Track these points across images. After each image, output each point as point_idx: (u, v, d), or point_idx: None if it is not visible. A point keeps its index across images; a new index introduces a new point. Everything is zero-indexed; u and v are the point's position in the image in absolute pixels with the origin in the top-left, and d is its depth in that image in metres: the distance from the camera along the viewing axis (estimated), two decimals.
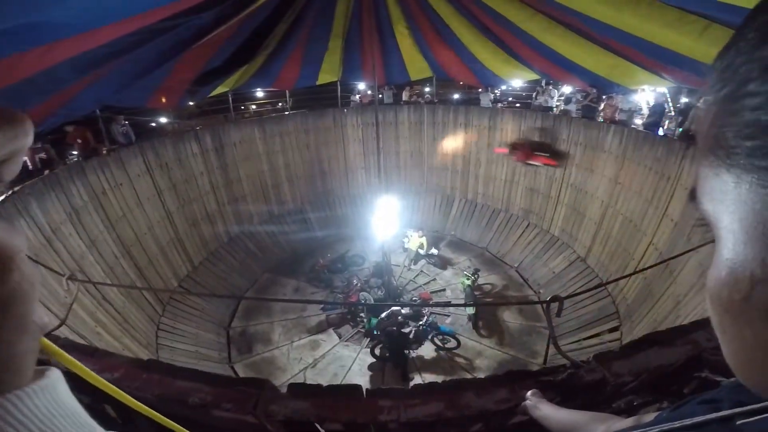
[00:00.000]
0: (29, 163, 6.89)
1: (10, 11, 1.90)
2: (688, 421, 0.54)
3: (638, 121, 8.87)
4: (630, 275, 7.26)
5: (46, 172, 6.82)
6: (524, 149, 10.31)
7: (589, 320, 8.11)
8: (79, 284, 3.09)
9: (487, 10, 6.12)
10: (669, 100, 8.50)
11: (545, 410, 1.26)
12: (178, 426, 0.66)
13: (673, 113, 8.36)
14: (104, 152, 7.99)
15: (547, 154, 10.05)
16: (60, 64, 3.17)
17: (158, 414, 0.63)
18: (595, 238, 9.28)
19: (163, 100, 6.71)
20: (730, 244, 0.30)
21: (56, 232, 6.47)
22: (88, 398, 2.27)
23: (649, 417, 0.80)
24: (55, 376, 0.27)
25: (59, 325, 3.04)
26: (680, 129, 7.75)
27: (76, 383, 0.42)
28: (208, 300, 9.08)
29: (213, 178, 10.30)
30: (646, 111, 8.89)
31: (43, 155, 7.13)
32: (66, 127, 7.71)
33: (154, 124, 10.43)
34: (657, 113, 8.45)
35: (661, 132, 8.31)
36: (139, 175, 8.54)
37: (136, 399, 0.63)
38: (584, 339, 7.76)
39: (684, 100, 8.23)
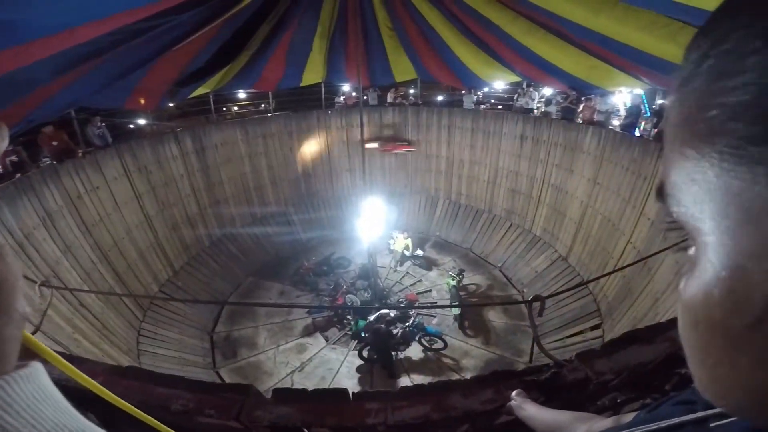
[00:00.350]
0: (0, 167, 6.62)
1: None
2: (664, 423, 0.56)
3: (615, 123, 9.11)
4: (609, 273, 7.45)
5: (18, 175, 6.56)
6: (389, 142, 12.13)
7: (572, 318, 8.27)
8: (53, 291, 2.99)
9: (471, 12, 6.20)
10: (645, 101, 8.76)
11: (530, 410, 1.28)
12: (165, 427, 0.65)
13: (648, 114, 8.62)
14: (80, 155, 7.74)
15: (404, 142, 12.02)
16: (37, 64, 3.06)
17: (142, 413, 0.62)
18: (576, 237, 9.48)
19: (142, 101, 6.54)
20: (724, 256, 0.25)
21: (29, 238, 6.24)
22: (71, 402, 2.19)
23: (628, 417, 0.82)
24: (37, 366, 0.27)
25: (34, 332, 2.94)
26: (656, 130, 7.99)
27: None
28: (191, 305, 8.89)
29: (194, 181, 10.10)
30: (623, 112, 9.13)
31: (14, 158, 6.86)
32: (44, 129, 7.42)
33: (132, 126, 10.17)
34: (633, 114, 8.70)
35: (637, 133, 8.56)
36: (116, 178, 8.31)
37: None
38: (567, 337, 7.91)
39: (659, 101, 8.50)
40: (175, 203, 9.68)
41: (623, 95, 9.30)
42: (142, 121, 10.33)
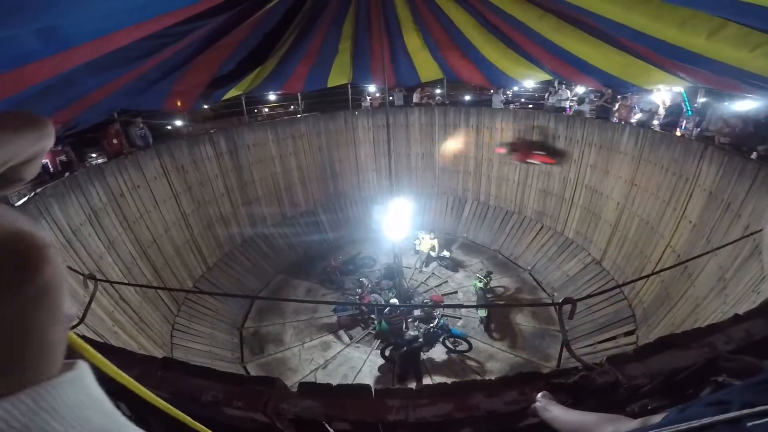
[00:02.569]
0: (50, 166, 7.09)
1: (26, 16, 1.97)
2: (695, 423, 0.53)
3: (654, 122, 8.71)
4: (646, 277, 7.12)
5: (67, 174, 7.01)
6: (522, 148, 10.42)
7: (604, 323, 7.95)
8: (97, 284, 3.17)
9: (496, 11, 6.10)
10: (686, 99, 8.32)
11: (555, 412, 1.25)
12: (197, 423, 0.67)
13: (690, 113, 8.18)
14: (123, 154, 8.20)
15: (545, 153, 10.10)
16: (81, 70, 3.27)
17: (176, 410, 0.64)
18: (611, 240, 9.11)
19: (179, 103, 6.85)
20: None
21: (76, 233, 6.65)
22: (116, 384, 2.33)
23: (657, 418, 0.78)
24: (83, 367, 0.27)
25: (77, 324, 3.12)
26: (698, 129, 7.57)
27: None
28: (222, 300, 9.20)
29: (227, 181, 10.46)
30: (662, 111, 8.71)
31: (63, 157, 7.33)
32: (110, 126, 7.96)
33: (169, 127, 10.64)
34: (674, 113, 8.29)
35: (678, 132, 8.13)
36: (156, 177, 8.72)
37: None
38: (599, 342, 7.62)
39: (701, 99, 8.04)
40: (210, 202, 10.05)
41: (662, 93, 8.85)
42: (179, 123, 10.80)
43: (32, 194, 6.09)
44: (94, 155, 8.27)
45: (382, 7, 6.50)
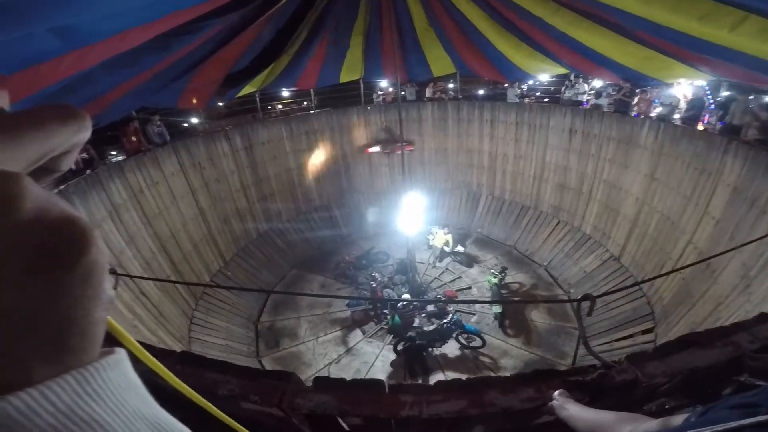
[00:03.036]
0: (72, 164, 7.29)
1: (40, 15, 2.01)
2: (720, 427, 0.52)
3: (675, 116, 8.46)
4: (666, 274, 6.91)
5: (88, 171, 7.20)
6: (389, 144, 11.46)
7: (622, 321, 7.81)
8: (118, 278, 3.26)
9: (509, 5, 5.98)
10: (708, 93, 8.06)
11: (572, 410, 1.23)
12: (224, 415, 0.68)
13: (713, 107, 7.92)
14: (141, 151, 8.38)
15: (406, 142, 10.79)
16: (98, 69, 3.33)
17: (205, 401, 0.65)
18: (630, 236, 8.91)
19: (194, 101, 6.94)
20: None
21: (98, 229, 6.83)
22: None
23: (677, 420, 0.76)
24: (122, 353, 0.28)
25: None
26: (721, 123, 7.33)
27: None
28: (238, 295, 9.36)
29: (243, 177, 10.60)
30: (683, 105, 8.45)
31: (84, 155, 7.52)
32: (130, 124, 8.17)
33: (186, 125, 10.82)
34: (696, 107, 8.04)
35: (700, 126, 7.89)
36: (174, 173, 8.89)
37: (165, 392, 0.65)
38: (616, 340, 7.49)
39: (725, 93, 7.77)
40: (226, 198, 10.21)
41: (683, 87, 8.59)
42: (195, 120, 10.96)
43: (56, 191, 6.27)
44: (113, 153, 8.47)
45: (393, 2, 6.45)
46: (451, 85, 12.79)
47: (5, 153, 0.26)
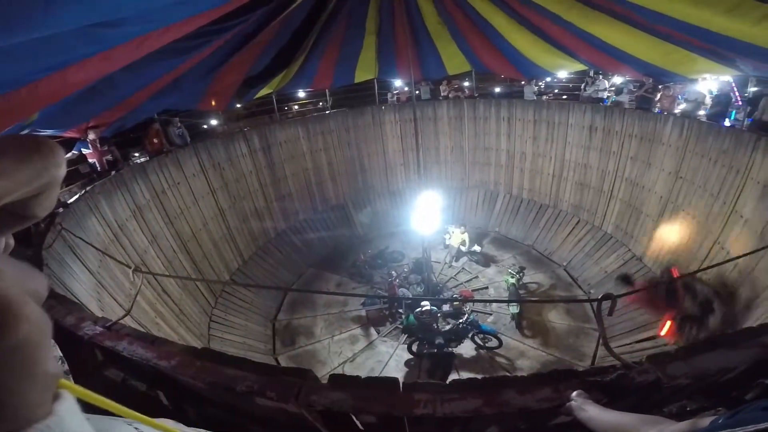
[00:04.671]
0: (98, 165, 7.53)
1: (62, 18, 2.08)
2: (751, 428, 0.50)
3: (700, 112, 8.18)
4: (692, 274, 6.70)
5: (113, 172, 7.44)
6: (654, 296, 6.84)
7: (644, 322, 7.58)
8: (142, 276, 3.35)
9: (524, 1, 5.90)
10: (735, 89, 7.77)
11: (591, 411, 1.21)
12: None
13: (740, 103, 7.62)
14: (163, 153, 8.60)
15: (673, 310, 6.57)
16: (121, 74, 3.44)
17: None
18: (654, 235, 8.65)
19: (213, 103, 7.09)
20: None
21: (123, 228, 7.06)
22: (144, 385, 2.45)
23: (704, 422, 0.74)
24: (62, 411, 0.25)
25: (124, 316, 3.30)
26: (749, 119, 7.05)
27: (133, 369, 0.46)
28: (257, 293, 9.51)
29: (261, 177, 10.76)
30: (708, 101, 8.16)
31: (109, 157, 7.78)
32: (153, 126, 8.43)
33: (205, 126, 11.06)
34: (722, 103, 7.76)
35: (727, 123, 7.60)
36: (194, 174, 9.09)
37: (189, 386, 0.65)
38: (637, 342, 7.28)
39: (752, 88, 7.46)
40: (245, 197, 10.39)
41: (708, 82, 8.29)
42: (214, 122, 11.20)
43: (83, 192, 6.50)
44: (136, 154, 8.72)
45: (405, 2, 6.45)
46: (466, 84, 12.69)
47: None
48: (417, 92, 11.61)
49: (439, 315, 8.16)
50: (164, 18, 3.06)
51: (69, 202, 6.11)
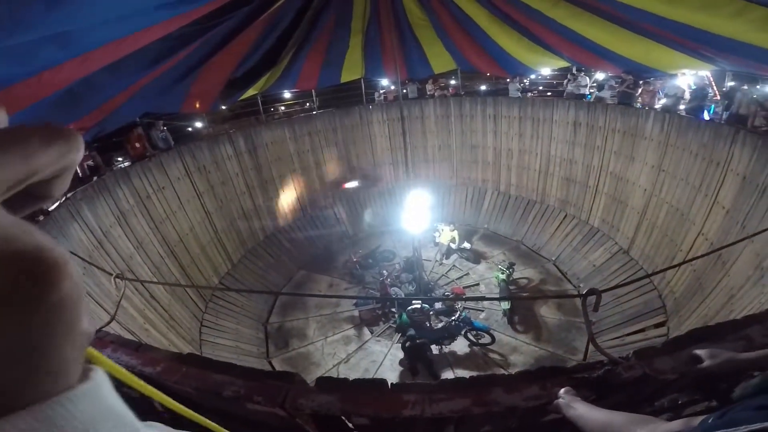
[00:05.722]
0: (78, 171, 7.36)
1: (36, 23, 2.03)
2: (743, 429, 0.50)
3: (680, 107, 8.36)
4: (677, 266, 6.85)
5: (95, 178, 7.27)
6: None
7: (633, 315, 7.71)
8: (126, 283, 3.28)
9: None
10: (712, 83, 7.95)
11: (580, 409, 1.21)
12: (213, 424, 0.67)
13: (717, 97, 7.81)
14: (146, 157, 8.44)
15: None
16: (100, 75, 3.37)
17: (191, 412, 0.64)
18: (639, 228, 8.80)
19: (197, 105, 6.99)
20: None
21: (107, 235, 6.92)
22: (138, 393, 2.41)
23: (695, 422, 0.74)
24: (99, 377, 0.27)
25: (109, 322, 3.23)
26: (727, 113, 7.22)
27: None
28: (248, 296, 9.41)
29: (248, 179, 10.65)
30: (687, 95, 8.34)
31: (90, 162, 7.61)
32: (133, 130, 8.28)
33: (190, 129, 10.90)
34: (699, 97, 7.93)
35: (706, 116, 7.77)
36: (179, 178, 8.95)
37: (175, 393, 0.65)
38: (627, 335, 7.40)
39: (729, 83, 7.64)
40: (232, 200, 10.27)
41: (687, 78, 8.47)
42: (198, 124, 11.04)
43: (64, 198, 6.34)
44: (119, 159, 8.56)
45: (391, 1, 6.44)
46: (452, 82, 12.73)
47: None
48: (404, 91, 11.62)
49: (431, 313, 8.17)
50: (144, 21, 3.01)
51: (50, 209, 5.95)
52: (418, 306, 7.61)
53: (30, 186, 0.27)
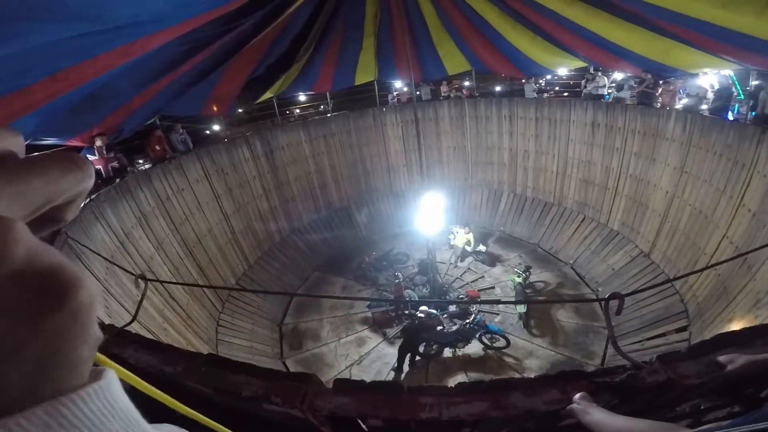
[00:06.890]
0: (103, 172, 7.57)
1: (48, 29, 2.09)
2: (746, 428, 0.49)
3: (703, 106, 8.12)
4: (700, 270, 6.62)
5: (117, 180, 7.47)
6: None
7: (654, 320, 7.51)
8: (147, 283, 3.36)
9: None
10: (736, 83, 7.70)
11: (597, 416, 1.18)
12: (219, 426, 0.69)
13: (742, 96, 7.55)
14: (166, 159, 8.65)
15: None
16: (119, 77, 3.46)
17: (202, 416, 0.66)
18: (660, 231, 8.57)
19: (215, 108, 7.12)
20: None
21: (128, 236, 7.09)
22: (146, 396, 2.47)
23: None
24: (110, 377, 0.28)
25: (131, 321, 3.30)
26: (752, 113, 6.98)
27: (140, 376, 0.46)
28: (263, 297, 9.52)
29: (264, 181, 10.80)
30: (710, 95, 8.10)
31: (115, 164, 7.82)
32: (154, 132, 8.50)
33: (208, 132, 11.11)
34: (723, 97, 7.68)
35: (730, 116, 7.53)
36: (198, 180, 9.13)
37: (194, 393, 0.67)
38: (647, 339, 7.21)
39: (754, 82, 7.38)
40: (249, 202, 10.42)
41: (709, 77, 8.22)
42: (216, 128, 11.25)
43: (88, 200, 6.53)
44: (141, 161, 8.78)
45: (403, 3, 6.45)
46: (467, 83, 12.67)
47: (8, 200, 0.27)
48: (417, 93, 11.61)
49: (445, 316, 8.12)
50: (166, 20, 3.07)
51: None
52: (425, 311, 7.57)
53: (47, 210, 0.30)
